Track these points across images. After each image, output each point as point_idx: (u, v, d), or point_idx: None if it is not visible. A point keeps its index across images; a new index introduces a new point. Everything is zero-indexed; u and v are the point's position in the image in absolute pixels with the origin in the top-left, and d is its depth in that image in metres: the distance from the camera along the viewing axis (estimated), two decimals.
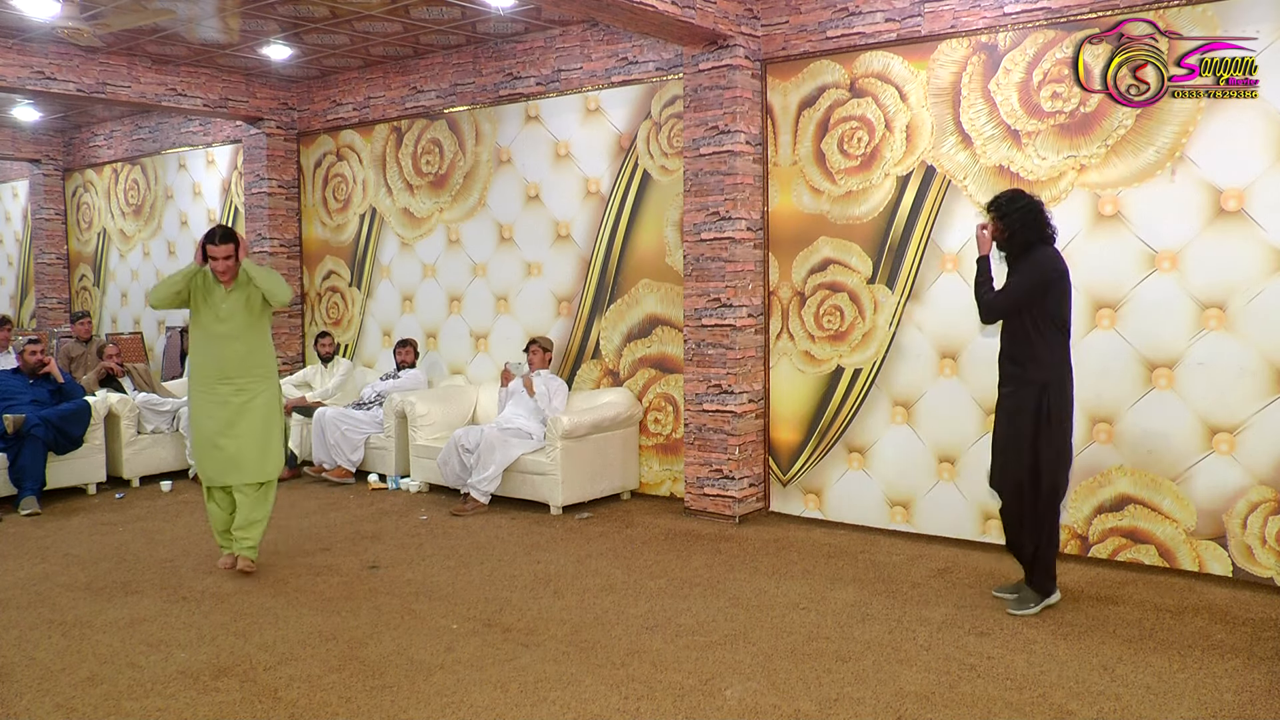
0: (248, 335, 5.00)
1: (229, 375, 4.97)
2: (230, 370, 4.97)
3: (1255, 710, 3.46)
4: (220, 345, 4.97)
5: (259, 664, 3.89)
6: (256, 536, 5.12)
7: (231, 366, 4.97)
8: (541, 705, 3.51)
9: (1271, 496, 4.75)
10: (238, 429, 4.97)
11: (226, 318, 4.95)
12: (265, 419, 5.05)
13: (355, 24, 7.09)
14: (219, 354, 4.97)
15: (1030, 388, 4.28)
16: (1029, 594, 4.44)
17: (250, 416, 5.00)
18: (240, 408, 4.97)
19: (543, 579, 4.99)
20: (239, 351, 4.98)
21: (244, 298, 4.97)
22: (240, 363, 4.98)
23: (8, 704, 3.55)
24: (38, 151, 11.43)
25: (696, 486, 6.25)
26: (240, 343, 4.98)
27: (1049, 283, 4.26)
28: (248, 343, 5.00)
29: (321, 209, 8.92)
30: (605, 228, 6.99)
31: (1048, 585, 4.46)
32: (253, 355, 5.02)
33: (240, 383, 4.98)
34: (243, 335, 4.98)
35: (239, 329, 4.97)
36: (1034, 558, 4.42)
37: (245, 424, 4.98)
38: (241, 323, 4.97)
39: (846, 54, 5.85)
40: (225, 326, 4.96)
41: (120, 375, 7.81)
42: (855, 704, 3.51)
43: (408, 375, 7.76)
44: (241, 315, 4.97)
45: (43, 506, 6.59)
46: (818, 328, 6.06)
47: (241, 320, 4.97)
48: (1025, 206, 4.31)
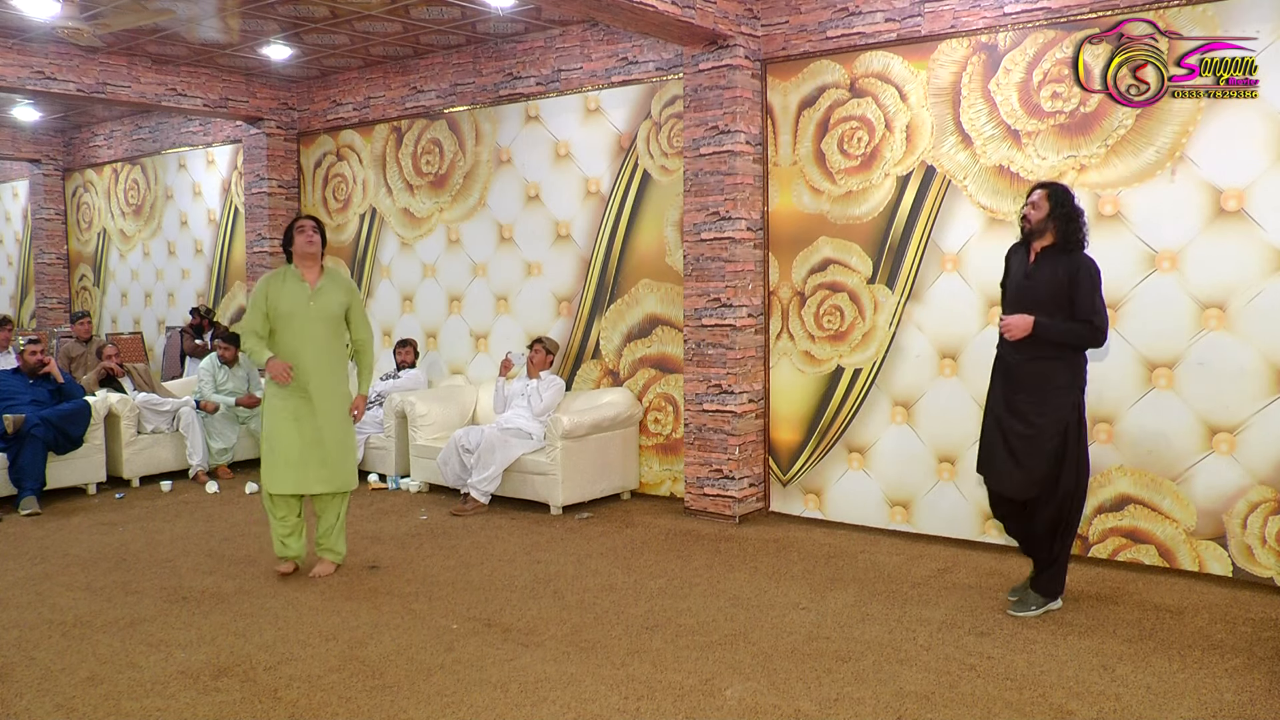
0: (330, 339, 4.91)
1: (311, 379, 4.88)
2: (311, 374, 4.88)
3: (1255, 710, 3.46)
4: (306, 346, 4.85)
5: (259, 664, 3.89)
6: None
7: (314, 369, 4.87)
8: (541, 705, 3.51)
9: (1271, 496, 4.75)
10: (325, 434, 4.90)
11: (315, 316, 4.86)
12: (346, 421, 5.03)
13: (355, 24, 7.09)
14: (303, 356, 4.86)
15: (1068, 392, 4.23)
16: (1033, 597, 4.42)
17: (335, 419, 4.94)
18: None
19: (543, 579, 4.99)
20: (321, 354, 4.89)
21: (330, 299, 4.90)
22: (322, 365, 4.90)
23: (8, 704, 3.55)
24: (38, 151, 11.43)
25: (696, 486, 6.25)
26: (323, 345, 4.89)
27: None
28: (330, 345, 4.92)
29: (321, 209, 8.92)
30: (605, 228, 6.99)
31: (1057, 589, 4.42)
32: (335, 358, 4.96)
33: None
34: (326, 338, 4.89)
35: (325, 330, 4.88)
36: (1052, 561, 4.36)
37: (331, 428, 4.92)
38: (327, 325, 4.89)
39: (846, 54, 5.85)
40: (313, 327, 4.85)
41: (120, 375, 7.81)
42: (855, 704, 3.51)
43: (408, 375, 7.77)
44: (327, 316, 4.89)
45: (43, 506, 6.59)
46: (818, 328, 6.06)
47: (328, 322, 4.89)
48: (1076, 209, 4.23)
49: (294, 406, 4.86)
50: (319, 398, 4.87)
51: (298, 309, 4.84)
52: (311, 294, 4.87)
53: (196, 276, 10.17)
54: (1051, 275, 4.21)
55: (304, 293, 4.86)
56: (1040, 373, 4.23)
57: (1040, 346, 4.21)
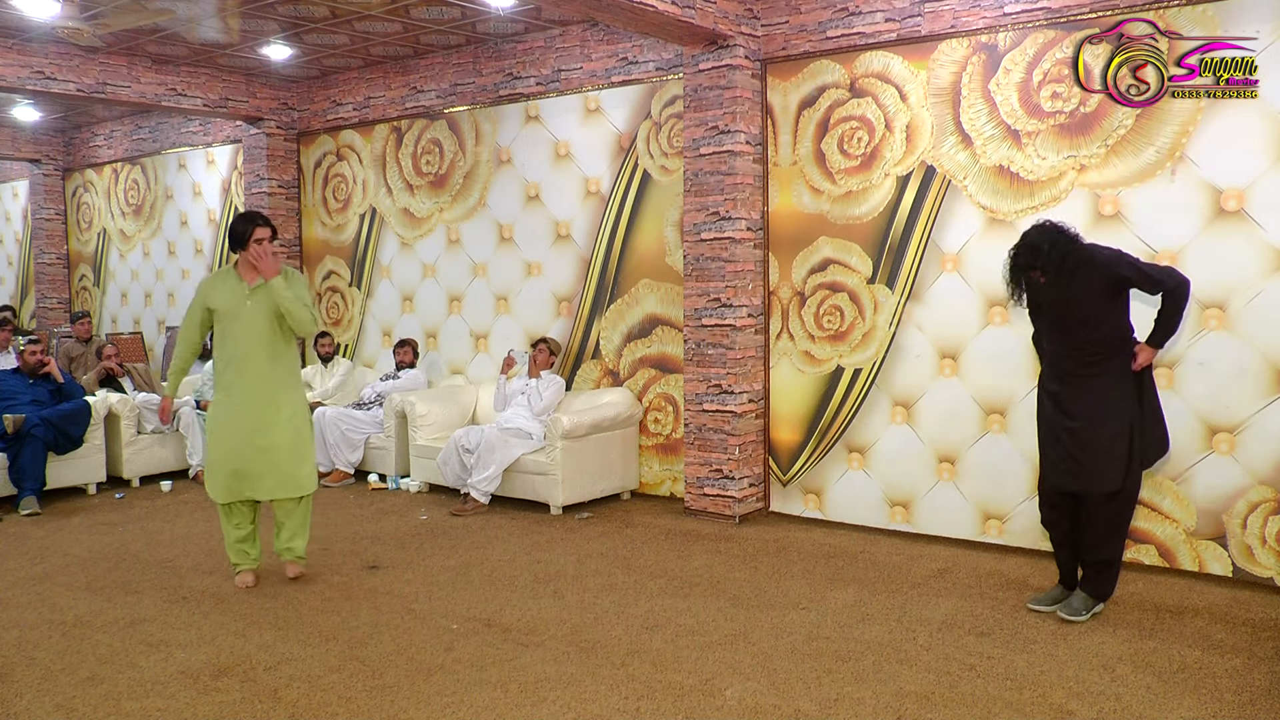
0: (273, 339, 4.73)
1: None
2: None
3: (1255, 710, 3.46)
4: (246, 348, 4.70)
5: (259, 664, 3.89)
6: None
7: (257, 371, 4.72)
8: (541, 705, 3.51)
9: (1271, 496, 4.75)
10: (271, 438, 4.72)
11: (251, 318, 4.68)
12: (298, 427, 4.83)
13: (355, 24, 7.09)
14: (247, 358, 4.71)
15: (1129, 379, 4.18)
16: (1082, 599, 4.31)
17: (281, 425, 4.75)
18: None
19: (543, 579, 4.99)
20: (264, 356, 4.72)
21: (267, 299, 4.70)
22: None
23: (8, 704, 3.55)
24: (38, 151, 11.43)
25: (696, 486, 6.25)
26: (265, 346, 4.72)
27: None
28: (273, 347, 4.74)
29: (321, 209, 8.92)
30: (605, 228, 6.99)
31: (1108, 591, 4.35)
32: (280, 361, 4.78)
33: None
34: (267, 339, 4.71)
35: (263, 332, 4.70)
36: (1104, 563, 4.29)
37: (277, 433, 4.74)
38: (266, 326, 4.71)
39: (846, 54, 5.85)
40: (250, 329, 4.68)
41: (120, 375, 7.81)
42: (855, 704, 3.51)
43: (407, 375, 7.77)
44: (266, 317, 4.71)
45: (43, 506, 6.59)
46: (818, 328, 6.06)
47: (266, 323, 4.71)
48: (1063, 242, 4.09)
49: (238, 413, 4.68)
50: (266, 402, 4.69)
51: (237, 308, 4.66)
52: (249, 292, 4.67)
53: (196, 277, 10.16)
54: (1083, 288, 4.12)
55: (242, 291, 4.67)
56: (1097, 378, 4.18)
57: (1091, 358, 4.16)
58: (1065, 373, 4.25)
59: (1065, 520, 4.35)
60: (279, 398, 4.75)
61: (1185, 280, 4.14)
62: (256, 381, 4.70)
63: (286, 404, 4.77)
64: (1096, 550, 4.28)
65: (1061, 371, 4.27)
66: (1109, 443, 4.14)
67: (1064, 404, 4.24)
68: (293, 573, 4.98)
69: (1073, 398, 4.22)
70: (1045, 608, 4.43)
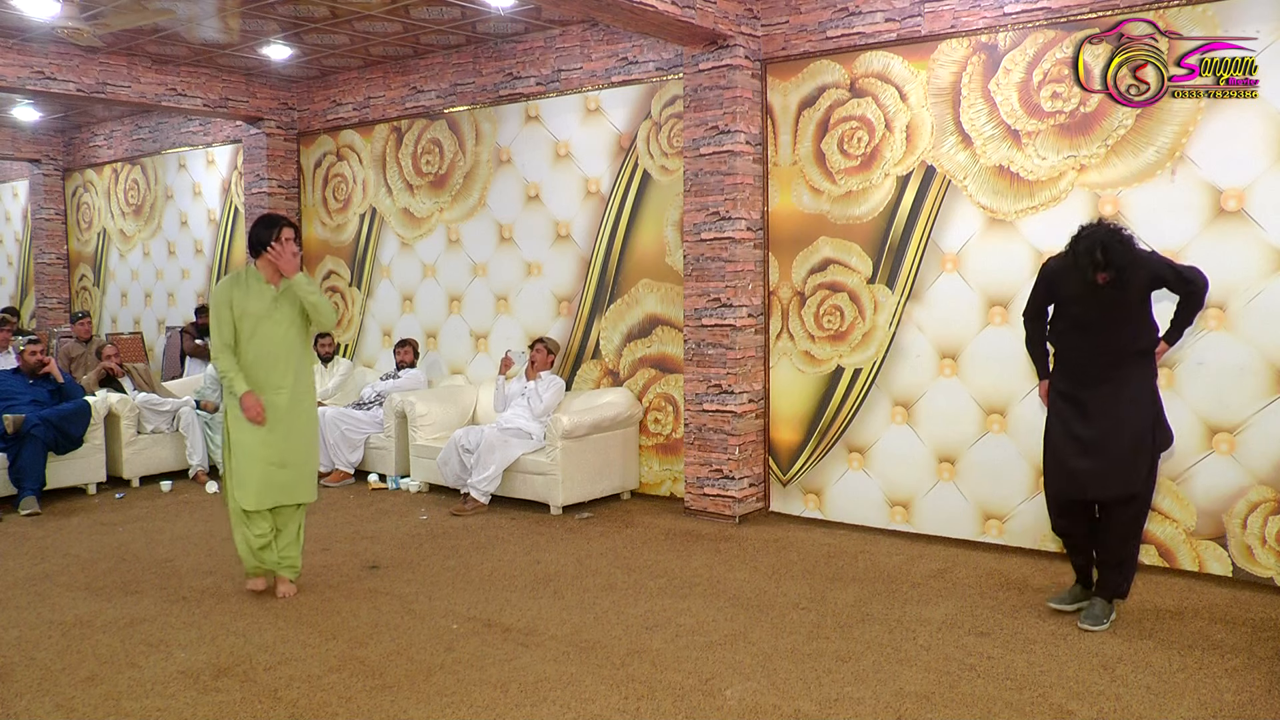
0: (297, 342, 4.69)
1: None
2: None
3: (1255, 710, 3.46)
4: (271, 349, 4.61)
5: (259, 664, 3.89)
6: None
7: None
8: (541, 705, 3.51)
9: (1271, 496, 4.75)
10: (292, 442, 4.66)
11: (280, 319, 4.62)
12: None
13: (355, 24, 7.09)
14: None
15: (1154, 379, 4.18)
16: (1102, 606, 4.27)
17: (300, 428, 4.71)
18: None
19: (543, 579, 4.99)
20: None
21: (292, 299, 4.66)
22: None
23: (8, 704, 3.55)
24: (38, 151, 11.43)
25: (696, 486, 6.25)
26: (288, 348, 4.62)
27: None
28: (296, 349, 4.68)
29: (321, 209, 8.93)
30: (605, 228, 6.99)
31: (1125, 590, 4.31)
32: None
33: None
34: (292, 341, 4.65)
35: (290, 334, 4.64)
36: (1121, 563, 4.25)
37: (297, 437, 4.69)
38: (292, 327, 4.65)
39: (846, 54, 5.85)
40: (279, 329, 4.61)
41: (120, 375, 7.81)
42: (855, 704, 3.51)
43: (407, 375, 7.77)
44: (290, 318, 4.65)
45: (43, 506, 6.59)
46: (818, 328, 6.06)
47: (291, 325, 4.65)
48: (1125, 243, 3.98)
49: (271, 416, 4.58)
50: (288, 407, 4.62)
51: (263, 311, 4.56)
52: (276, 295, 4.59)
53: (196, 276, 10.17)
54: (1132, 290, 4.05)
55: (268, 294, 4.58)
56: (1127, 380, 4.14)
57: (1124, 359, 4.13)
58: (1094, 376, 4.15)
59: (1081, 525, 4.30)
60: (302, 403, 4.71)
61: (1208, 280, 4.17)
62: (284, 386, 4.62)
63: (307, 410, 4.75)
64: (1117, 551, 4.25)
65: (1089, 375, 4.16)
66: (1134, 444, 4.10)
67: (1086, 407, 4.16)
68: (287, 591, 4.74)
69: (1098, 400, 4.14)
70: (1068, 607, 4.39)
